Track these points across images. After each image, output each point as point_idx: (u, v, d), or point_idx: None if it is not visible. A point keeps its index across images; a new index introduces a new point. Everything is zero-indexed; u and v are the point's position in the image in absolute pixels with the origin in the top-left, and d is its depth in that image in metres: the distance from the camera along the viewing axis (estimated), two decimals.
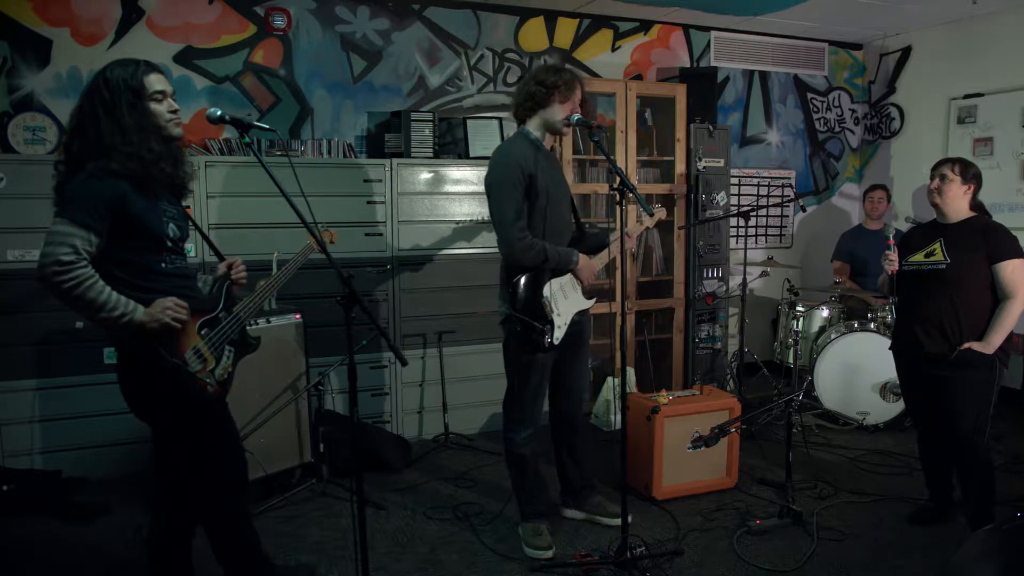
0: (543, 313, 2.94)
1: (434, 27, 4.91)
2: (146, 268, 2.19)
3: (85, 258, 2.05)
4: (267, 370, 3.55)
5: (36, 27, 4.06)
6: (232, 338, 2.39)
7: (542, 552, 3.05)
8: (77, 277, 2.02)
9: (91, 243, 2.06)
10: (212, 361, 2.28)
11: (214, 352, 2.29)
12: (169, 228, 2.23)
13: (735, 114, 5.94)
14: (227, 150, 4.20)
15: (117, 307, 2.07)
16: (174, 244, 2.26)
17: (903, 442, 4.30)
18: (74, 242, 2.02)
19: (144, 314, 2.10)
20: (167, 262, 2.24)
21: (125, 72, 2.15)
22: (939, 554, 3.01)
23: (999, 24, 5.28)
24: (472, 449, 4.30)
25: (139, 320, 2.09)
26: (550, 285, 3.00)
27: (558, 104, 2.96)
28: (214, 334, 2.31)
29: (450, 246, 4.46)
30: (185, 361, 2.18)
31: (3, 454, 3.66)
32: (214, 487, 2.38)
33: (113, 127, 2.11)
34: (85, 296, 2.03)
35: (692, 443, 3.56)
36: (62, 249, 2.01)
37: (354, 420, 2.22)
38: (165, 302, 2.13)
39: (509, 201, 2.91)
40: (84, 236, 2.04)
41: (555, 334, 2.98)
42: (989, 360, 2.98)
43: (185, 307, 2.18)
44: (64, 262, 2.00)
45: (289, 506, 3.50)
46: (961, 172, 3.06)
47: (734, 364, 5.24)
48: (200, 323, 2.27)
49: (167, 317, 2.12)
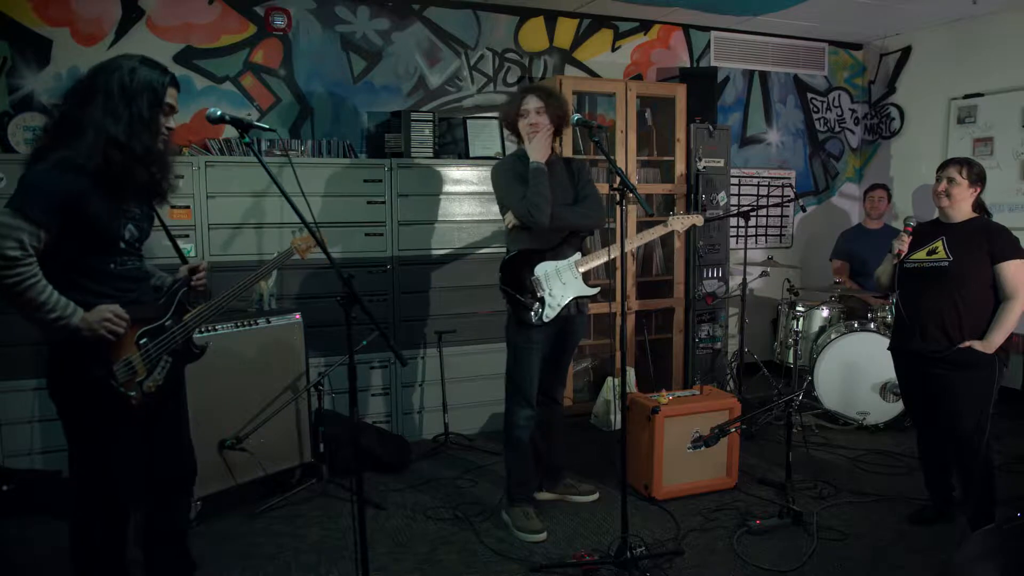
0: (531, 289, 3.14)
1: (434, 27, 4.91)
2: (94, 269, 2.13)
3: (31, 254, 1.98)
4: (267, 370, 3.55)
5: (36, 27, 4.06)
6: (173, 347, 2.31)
7: (535, 535, 3.15)
8: (21, 274, 1.96)
9: (39, 239, 1.99)
10: (143, 372, 2.20)
11: (147, 364, 2.22)
12: (126, 230, 2.17)
13: (735, 114, 5.94)
14: (227, 150, 4.20)
15: (55, 309, 2.01)
16: (128, 246, 2.20)
17: (903, 442, 4.30)
18: (22, 237, 1.96)
19: (80, 320, 2.04)
20: (117, 263, 2.18)
21: (153, 75, 2.15)
22: (939, 554, 3.01)
23: (999, 24, 5.28)
24: (472, 449, 4.30)
25: (74, 325, 2.04)
26: (544, 266, 3.18)
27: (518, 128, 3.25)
28: (153, 345, 2.24)
29: (450, 246, 4.46)
30: (112, 373, 2.12)
31: (3, 454, 3.66)
32: (105, 503, 2.26)
33: (122, 110, 2.08)
34: (25, 295, 1.97)
35: (692, 443, 3.56)
36: (8, 243, 1.94)
37: (354, 420, 2.22)
38: (104, 312, 2.08)
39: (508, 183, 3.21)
40: (33, 232, 1.97)
41: (545, 312, 3.14)
42: (989, 360, 2.98)
43: (125, 319, 2.12)
44: (8, 257, 1.94)
45: (289, 506, 3.50)
46: (968, 175, 3.06)
47: (734, 364, 5.24)
48: (141, 332, 2.21)
49: (102, 329, 2.07)
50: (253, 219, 4.02)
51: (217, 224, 3.95)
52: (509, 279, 3.18)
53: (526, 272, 3.17)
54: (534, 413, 3.27)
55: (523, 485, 3.32)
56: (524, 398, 3.24)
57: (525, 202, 3.08)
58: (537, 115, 3.15)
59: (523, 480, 3.32)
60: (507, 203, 3.20)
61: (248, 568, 2.96)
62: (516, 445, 3.28)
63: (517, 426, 3.26)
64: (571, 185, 3.28)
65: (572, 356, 3.54)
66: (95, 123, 2.06)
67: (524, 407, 3.25)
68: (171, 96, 2.21)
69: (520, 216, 3.12)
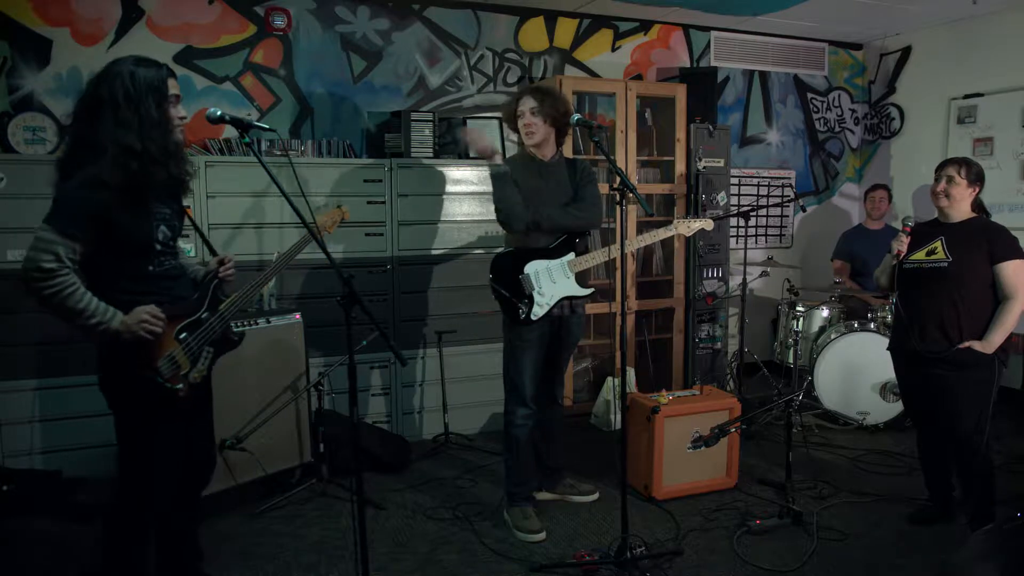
0: (520, 287, 3.18)
1: (434, 27, 4.92)
2: (134, 273, 2.21)
3: (68, 266, 2.07)
4: (267, 370, 3.55)
5: (36, 27, 4.06)
6: (213, 338, 2.39)
7: (534, 535, 3.16)
8: (57, 284, 2.05)
9: (75, 251, 2.09)
10: (186, 365, 2.29)
11: (190, 356, 2.30)
12: (159, 231, 2.24)
13: (735, 114, 5.94)
14: (227, 150, 4.20)
15: (95, 315, 2.09)
16: (163, 246, 2.27)
17: (903, 442, 4.30)
18: (57, 250, 2.05)
19: (120, 323, 2.13)
20: (155, 265, 2.26)
21: (151, 72, 2.18)
22: (939, 554, 3.01)
23: (999, 24, 5.28)
24: (472, 449, 4.30)
25: (115, 329, 2.12)
26: (535, 264, 3.21)
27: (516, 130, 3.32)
28: (193, 338, 2.31)
29: (450, 246, 4.46)
30: (157, 370, 2.20)
31: (3, 454, 3.66)
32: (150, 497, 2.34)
33: (131, 116, 2.12)
34: (65, 303, 2.07)
35: (692, 443, 3.56)
36: (45, 256, 2.04)
37: (354, 420, 2.22)
38: (140, 314, 2.14)
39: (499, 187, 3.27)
40: (68, 245, 2.07)
41: (533, 310, 3.17)
42: (989, 360, 2.98)
43: (162, 319, 2.18)
44: (45, 269, 2.04)
45: (289, 506, 3.50)
46: (967, 175, 3.06)
47: (734, 364, 5.24)
48: (180, 327, 2.28)
49: (141, 330, 2.14)
50: (253, 219, 4.02)
51: (217, 224, 3.95)
52: (498, 276, 3.23)
53: (515, 269, 3.19)
54: (532, 412, 3.28)
55: (523, 485, 3.33)
56: (520, 396, 3.25)
57: (497, 211, 3.20)
58: (531, 115, 3.17)
59: (523, 480, 3.32)
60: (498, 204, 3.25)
61: (248, 568, 2.96)
62: (515, 444, 3.29)
63: (515, 425, 3.28)
64: (571, 185, 3.28)
65: (570, 356, 3.54)
66: (110, 137, 2.11)
67: (521, 405, 3.26)
68: (173, 87, 2.24)
69: (499, 222, 3.23)
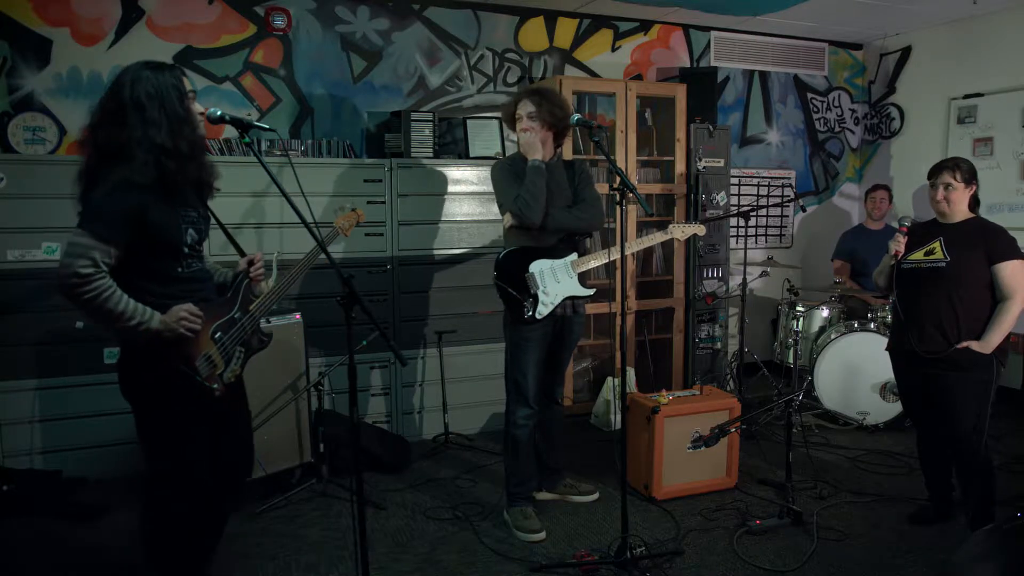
0: (525, 286, 3.17)
1: (434, 27, 4.92)
2: (164, 274, 2.23)
3: (104, 270, 2.08)
4: (267, 370, 3.55)
5: (36, 27, 4.06)
6: (244, 338, 2.42)
7: (534, 535, 3.17)
8: (95, 288, 2.06)
9: (110, 255, 2.10)
10: (221, 365, 2.32)
11: (224, 356, 2.33)
12: (188, 235, 2.26)
13: (735, 114, 5.94)
14: (227, 150, 4.20)
15: (134, 316, 2.11)
16: (191, 249, 2.29)
17: (903, 442, 4.30)
18: (93, 255, 2.06)
19: (159, 322, 2.15)
20: (184, 267, 2.28)
21: (164, 72, 2.19)
22: (939, 554, 3.01)
23: (999, 24, 5.28)
24: (472, 449, 4.30)
25: (155, 328, 2.14)
26: (539, 263, 3.21)
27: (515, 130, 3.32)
28: (228, 337, 2.34)
29: (450, 246, 4.46)
30: (195, 369, 2.22)
31: (3, 454, 3.66)
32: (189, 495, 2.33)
33: (159, 115, 2.13)
34: (104, 307, 2.08)
35: (692, 443, 3.56)
36: (81, 261, 2.04)
37: (354, 420, 2.22)
38: (180, 312, 2.17)
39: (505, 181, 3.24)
40: (104, 249, 2.08)
41: (538, 308, 3.17)
42: (987, 360, 2.98)
43: (200, 316, 2.21)
44: (82, 275, 2.04)
45: (289, 506, 3.49)
46: (963, 177, 3.06)
47: (734, 364, 5.24)
48: (215, 327, 2.31)
49: (181, 328, 2.16)
50: (253, 219, 4.02)
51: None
52: (504, 274, 3.21)
53: (521, 268, 3.19)
54: (533, 412, 3.28)
55: (523, 485, 3.33)
56: (522, 396, 3.25)
57: (518, 199, 3.11)
58: (529, 120, 3.19)
59: (523, 480, 3.33)
60: (503, 201, 3.24)
61: (248, 568, 2.96)
62: (515, 444, 3.29)
63: (516, 425, 3.28)
64: (571, 187, 3.29)
65: (571, 356, 3.55)
66: (140, 139, 2.12)
67: (523, 406, 3.26)
68: (187, 84, 2.26)
69: (512, 213, 3.16)
